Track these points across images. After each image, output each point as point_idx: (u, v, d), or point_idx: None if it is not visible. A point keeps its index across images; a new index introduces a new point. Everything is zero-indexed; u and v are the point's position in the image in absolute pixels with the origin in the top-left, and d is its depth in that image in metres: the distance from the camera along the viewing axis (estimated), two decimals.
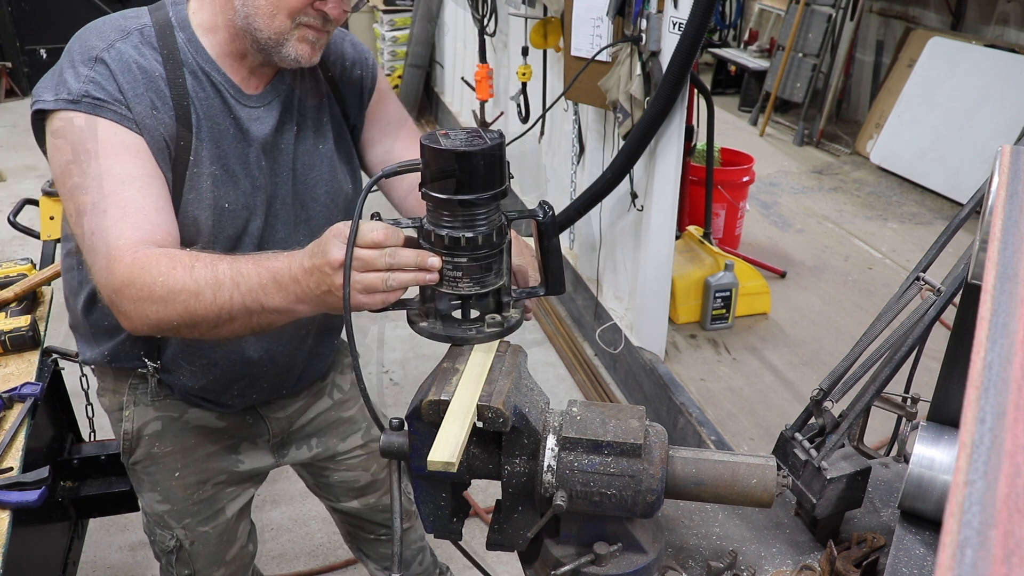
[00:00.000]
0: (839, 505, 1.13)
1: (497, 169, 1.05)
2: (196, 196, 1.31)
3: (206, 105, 1.32)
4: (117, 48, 1.26)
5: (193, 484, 1.61)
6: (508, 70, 4.63)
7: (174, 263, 1.14)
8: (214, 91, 1.33)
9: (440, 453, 0.85)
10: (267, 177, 1.39)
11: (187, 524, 1.63)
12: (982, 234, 0.85)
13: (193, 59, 1.31)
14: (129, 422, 1.54)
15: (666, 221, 3.11)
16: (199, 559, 1.68)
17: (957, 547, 0.37)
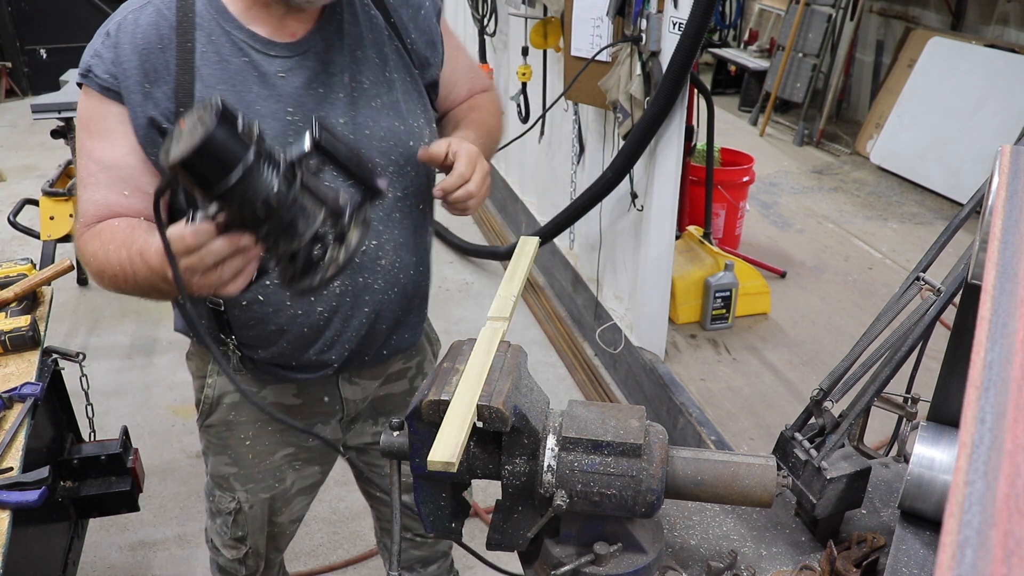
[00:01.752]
0: (839, 505, 1.13)
1: (230, 148, 0.97)
2: None
3: (218, 68, 1.27)
4: (130, 19, 1.27)
5: (263, 453, 1.63)
6: (508, 70, 4.63)
7: (101, 242, 1.26)
8: (233, 50, 1.28)
9: (440, 453, 0.85)
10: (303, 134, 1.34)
11: (250, 488, 1.66)
12: (982, 234, 0.85)
13: (211, 19, 1.28)
14: (211, 388, 1.58)
15: (666, 221, 3.11)
16: (254, 522, 1.70)
17: (957, 547, 0.37)
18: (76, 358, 1.94)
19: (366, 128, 1.36)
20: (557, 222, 3.56)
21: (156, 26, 1.27)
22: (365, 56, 1.37)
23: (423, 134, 1.44)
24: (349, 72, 1.35)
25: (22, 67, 8.14)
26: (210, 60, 1.27)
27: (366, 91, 1.37)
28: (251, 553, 1.75)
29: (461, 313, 4.20)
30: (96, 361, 3.58)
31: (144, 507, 2.29)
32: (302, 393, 1.57)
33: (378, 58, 1.39)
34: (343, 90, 1.34)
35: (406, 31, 1.43)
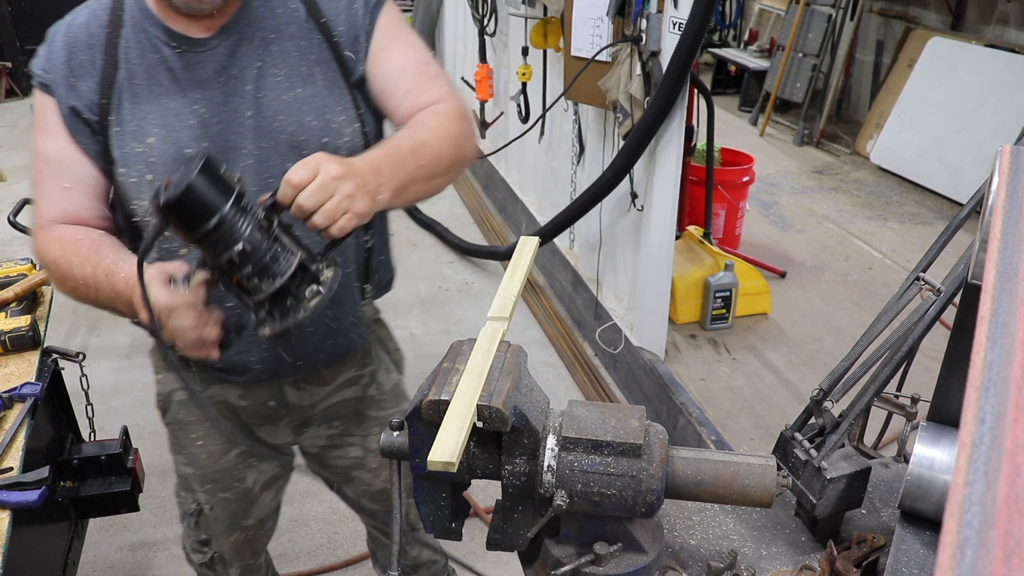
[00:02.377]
0: (839, 505, 1.13)
1: (210, 196, 1.10)
2: (122, 155, 1.33)
3: (137, 63, 1.34)
4: (66, 20, 1.37)
5: (216, 452, 1.64)
6: (508, 70, 4.63)
7: (63, 252, 1.32)
8: (149, 45, 1.34)
9: (440, 453, 0.85)
10: (213, 127, 1.35)
11: (208, 489, 1.67)
12: (982, 234, 0.85)
13: (135, 17, 1.35)
14: (161, 384, 1.63)
15: (666, 221, 3.11)
16: (217, 524, 1.71)
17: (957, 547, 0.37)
18: (76, 358, 1.94)
19: (275, 121, 1.36)
20: (557, 222, 3.56)
21: (87, 25, 1.36)
22: (280, 49, 1.38)
23: (342, 132, 1.39)
24: (259, 65, 1.37)
25: (22, 67, 8.14)
26: (131, 55, 1.34)
27: (277, 84, 1.37)
28: (217, 559, 1.76)
29: (461, 313, 4.20)
30: (96, 361, 3.58)
31: (144, 507, 2.29)
32: (246, 395, 1.58)
33: (295, 51, 1.38)
34: (251, 83, 1.36)
35: (335, 24, 1.40)
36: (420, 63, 1.46)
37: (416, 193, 1.33)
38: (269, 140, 1.36)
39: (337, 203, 1.15)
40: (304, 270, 1.18)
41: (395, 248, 1.70)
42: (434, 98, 1.44)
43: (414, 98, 1.43)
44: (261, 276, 1.14)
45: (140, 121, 1.34)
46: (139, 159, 1.33)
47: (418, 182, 1.31)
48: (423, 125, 1.38)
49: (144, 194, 1.34)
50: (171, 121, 1.34)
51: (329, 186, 1.14)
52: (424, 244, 4.91)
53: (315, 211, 1.14)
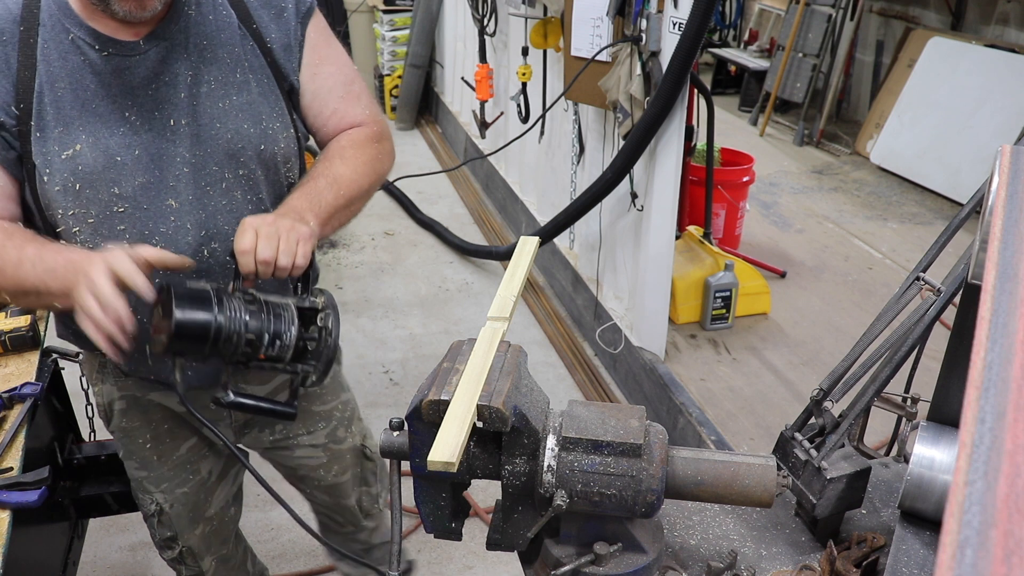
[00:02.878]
0: (839, 505, 1.13)
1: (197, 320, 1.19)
2: (45, 161, 1.27)
3: (59, 65, 1.27)
4: None
5: (166, 451, 1.64)
6: (508, 70, 4.63)
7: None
8: (72, 47, 1.27)
9: (440, 453, 0.85)
10: (145, 135, 1.31)
11: (165, 488, 1.67)
12: (982, 234, 0.85)
13: (53, 15, 1.27)
14: (99, 396, 1.61)
15: (666, 221, 3.11)
16: (179, 520, 1.71)
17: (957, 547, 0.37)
18: (76, 358, 1.94)
19: (211, 128, 1.35)
20: (557, 222, 3.56)
21: (3, 19, 1.27)
22: (214, 56, 1.35)
23: (277, 138, 1.42)
24: (193, 72, 1.33)
25: None
26: (51, 56, 1.27)
27: (212, 91, 1.35)
28: (186, 552, 1.76)
29: (461, 313, 4.20)
30: None
31: None
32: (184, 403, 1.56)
33: (229, 58, 1.36)
34: (185, 90, 1.32)
35: (267, 31, 1.40)
36: (347, 82, 1.53)
37: (340, 220, 1.43)
38: (205, 148, 1.35)
39: (287, 239, 1.25)
40: (303, 311, 1.29)
41: (395, 248, 1.72)
42: (356, 119, 1.53)
43: (338, 119, 1.52)
44: (277, 342, 1.24)
45: (65, 127, 1.28)
46: (65, 167, 1.28)
47: (340, 211, 1.41)
48: (340, 156, 1.46)
49: (71, 202, 1.29)
50: (99, 128, 1.29)
51: (272, 232, 1.25)
52: (424, 244, 4.91)
53: (276, 257, 1.23)
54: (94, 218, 1.31)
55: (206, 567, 1.81)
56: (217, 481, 1.75)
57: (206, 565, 1.81)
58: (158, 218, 1.33)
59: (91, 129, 1.28)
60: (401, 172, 5.56)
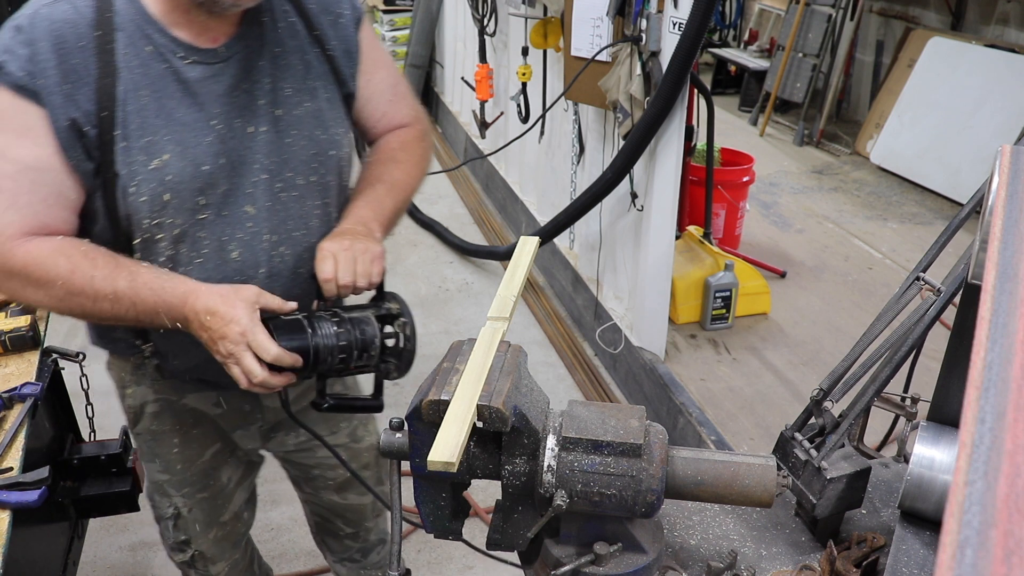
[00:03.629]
0: (839, 505, 1.13)
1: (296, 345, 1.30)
2: (131, 173, 1.25)
3: (140, 72, 1.24)
4: (43, 14, 1.20)
5: (192, 456, 1.64)
6: (508, 70, 4.63)
7: (73, 267, 1.22)
8: (154, 54, 1.25)
9: (440, 453, 0.85)
10: (228, 142, 1.31)
11: (186, 493, 1.67)
12: (982, 234, 0.85)
13: (131, 21, 1.24)
14: (132, 398, 1.59)
15: (666, 221, 3.11)
16: (195, 524, 1.72)
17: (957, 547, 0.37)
18: (76, 358, 1.94)
19: (287, 136, 1.36)
20: (557, 222, 3.56)
21: (73, 24, 1.21)
22: (287, 63, 1.36)
23: (342, 143, 1.45)
24: (271, 78, 1.34)
25: None
26: (131, 63, 1.23)
27: (288, 98, 1.36)
28: (198, 556, 1.77)
29: (461, 313, 4.20)
30: (96, 361, 3.57)
31: (144, 507, 2.28)
32: (223, 402, 1.59)
33: (300, 65, 1.38)
34: (264, 96, 1.33)
35: (327, 39, 1.42)
36: (395, 84, 1.59)
37: (396, 222, 1.52)
38: (282, 154, 1.36)
39: (363, 263, 1.34)
40: (383, 319, 1.40)
41: (395, 248, 1.75)
42: (402, 120, 1.60)
43: (387, 121, 1.58)
44: (365, 352, 1.34)
45: (152, 136, 1.25)
46: (152, 177, 1.26)
47: (398, 214, 1.51)
48: (394, 160, 1.54)
49: (157, 212, 1.28)
50: (187, 137, 1.27)
51: (349, 257, 1.33)
52: (424, 244, 4.91)
53: (355, 281, 1.33)
54: (179, 228, 1.30)
55: (218, 571, 1.81)
56: (235, 487, 1.76)
57: (218, 569, 1.81)
58: (236, 225, 1.34)
59: (178, 138, 1.26)
60: None
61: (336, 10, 1.43)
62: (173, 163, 1.26)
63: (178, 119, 1.26)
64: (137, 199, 1.26)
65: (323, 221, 1.45)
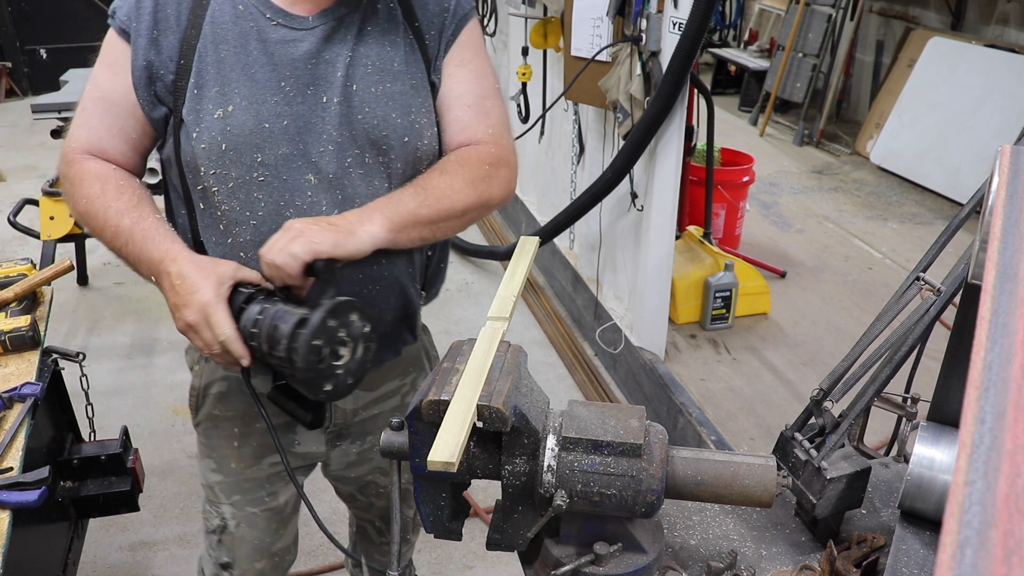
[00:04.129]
0: (839, 505, 1.13)
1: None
2: (196, 118, 1.30)
3: (228, 27, 1.31)
4: None
5: (248, 457, 1.55)
6: (508, 70, 4.63)
7: (102, 192, 1.32)
8: (244, 12, 1.32)
9: (440, 453, 0.85)
10: (297, 107, 1.32)
11: (235, 502, 1.57)
12: (982, 234, 0.85)
13: None
14: (198, 378, 1.55)
15: (666, 221, 3.11)
16: (242, 545, 1.59)
17: (957, 547, 0.37)
18: (76, 358, 1.94)
19: (359, 112, 1.34)
20: (557, 222, 3.56)
21: None
22: (376, 42, 1.37)
23: (423, 133, 1.39)
24: (352, 54, 1.34)
25: (22, 67, 8.14)
26: (221, 20, 1.31)
27: (367, 75, 1.35)
28: None
29: (461, 313, 4.20)
30: (96, 361, 3.58)
31: (144, 507, 2.29)
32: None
33: (390, 47, 1.37)
34: (342, 69, 1.33)
35: (427, 28, 1.41)
36: (480, 95, 1.44)
37: (422, 234, 1.34)
38: (352, 129, 1.34)
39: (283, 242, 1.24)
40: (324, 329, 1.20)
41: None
42: (476, 136, 1.43)
43: (458, 129, 1.43)
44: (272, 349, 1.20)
45: (223, 87, 1.30)
46: (215, 125, 1.30)
47: (423, 223, 1.33)
48: (442, 169, 1.39)
49: (214, 162, 1.31)
50: (256, 92, 1.30)
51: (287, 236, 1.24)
52: None
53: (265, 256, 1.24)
54: (233, 182, 1.32)
55: None
56: (292, 514, 1.66)
57: None
58: (295, 191, 1.33)
59: (246, 93, 1.30)
60: None
61: (443, 3, 1.42)
62: (236, 115, 1.30)
63: (251, 75, 1.31)
64: (198, 145, 1.31)
65: None
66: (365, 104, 1.34)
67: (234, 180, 1.32)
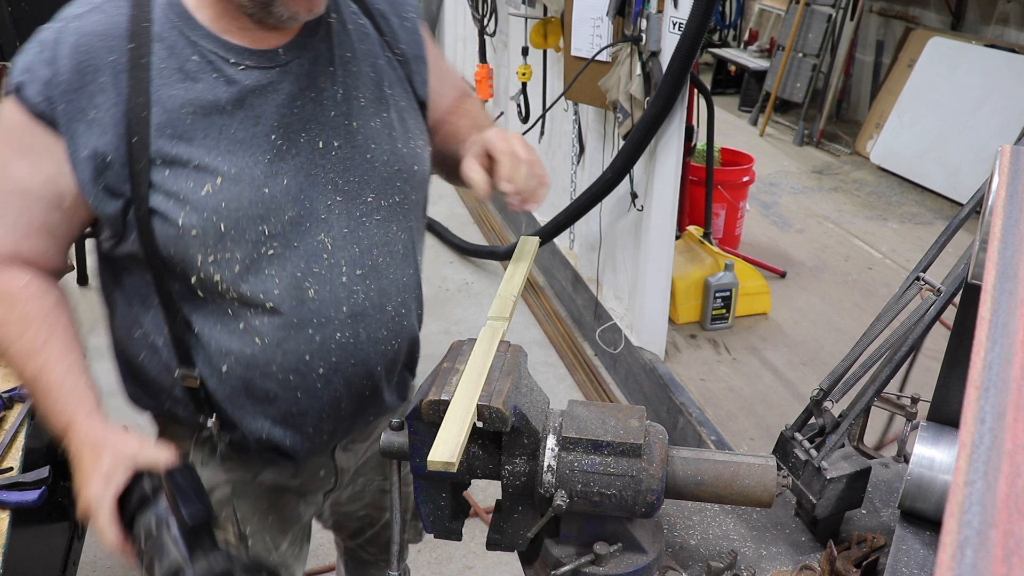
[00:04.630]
0: (839, 505, 1.13)
1: None
2: (177, 203, 1.08)
3: (183, 87, 1.07)
4: (72, 28, 1.06)
5: (264, 550, 1.38)
6: (508, 70, 4.63)
7: (6, 319, 1.11)
8: (201, 64, 1.08)
9: (440, 453, 0.85)
10: (292, 160, 1.12)
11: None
12: (982, 234, 0.85)
13: (173, 28, 1.07)
14: None
15: (666, 221, 3.11)
16: None
17: (957, 547, 0.37)
18: None
19: (367, 152, 1.18)
20: (557, 222, 3.56)
21: (104, 36, 1.05)
22: (359, 70, 1.20)
23: (424, 157, 1.28)
24: (342, 87, 1.17)
25: None
26: (171, 78, 1.07)
27: (363, 109, 1.19)
28: None
29: (461, 313, 4.20)
30: (96, 361, 3.56)
31: None
32: (300, 471, 1.36)
33: (373, 72, 1.22)
34: (335, 108, 1.16)
35: (396, 41, 1.26)
36: (456, 83, 1.45)
37: None
38: (360, 173, 1.18)
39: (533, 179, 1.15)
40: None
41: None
42: (465, 89, 1.46)
43: (454, 97, 1.43)
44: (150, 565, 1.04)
45: (202, 158, 1.08)
46: (204, 205, 1.08)
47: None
48: (475, 115, 1.40)
49: (212, 247, 1.09)
50: (241, 155, 1.09)
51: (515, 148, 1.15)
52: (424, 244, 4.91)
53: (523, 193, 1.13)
54: (239, 264, 1.11)
55: None
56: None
57: None
58: (310, 258, 1.15)
59: (231, 158, 1.09)
60: None
61: (403, 12, 1.28)
62: (227, 187, 1.08)
63: (230, 136, 1.09)
64: (188, 232, 1.08)
65: (408, 248, 1.28)
66: (370, 141, 1.19)
67: (239, 262, 1.12)
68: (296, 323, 1.15)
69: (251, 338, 1.16)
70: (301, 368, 1.18)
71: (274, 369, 1.17)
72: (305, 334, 1.17)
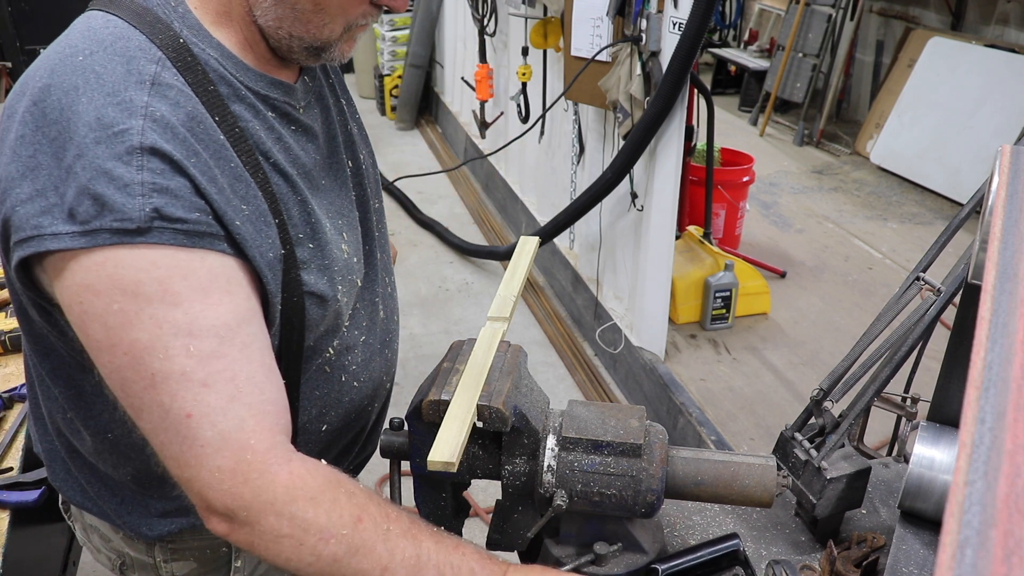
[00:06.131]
0: (839, 505, 1.13)
1: None
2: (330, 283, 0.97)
3: (278, 144, 0.92)
4: (160, 118, 0.78)
5: None
6: (508, 70, 4.63)
7: (360, 512, 0.83)
8: (278, 118, 0.93)
9: (440, 453, 0.85)
10: (352, 210, 1.08)
11: None
12: (982, 234, 0.85)
13: (234, 81, 0.89)
14: None
15: (666, 221, 3.11)
16: None
17: (957, 547, 0.37)
18: None
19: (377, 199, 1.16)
20: (557, 222, 3.56)
21: (193, 117, 0.81)
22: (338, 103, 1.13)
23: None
24: (350, 121, 1.12)
25: (22, 67, 8.14)
26: (266, 137, 0.90)
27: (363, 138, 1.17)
28: None
29: (461, 313, 4.20)
30: None
31: None
32: None
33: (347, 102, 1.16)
34: (347, 147, 1.10)
35: (351, 112, 1.17)
36: None
37: None
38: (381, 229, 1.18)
39: None
40: None
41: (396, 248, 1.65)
42: None
43: None
44: None
45: (321, 217, 0.97)
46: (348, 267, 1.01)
47: None
48: None
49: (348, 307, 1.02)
50: (335, 200, 1.02)
51: None
52: (424, 244, 4.91)
53: None
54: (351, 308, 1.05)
55: None
56: None
57: None
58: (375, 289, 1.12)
59: (332, 208, 1.00)
60: (401, 172, 5.56)
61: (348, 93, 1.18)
62: (351, 240, 1.02)
63: (318, 185, 0.98)
64: (345, 313, 1.01)
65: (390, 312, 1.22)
66: (370, 169, 1.17)
67: (351, 306, 1.06)
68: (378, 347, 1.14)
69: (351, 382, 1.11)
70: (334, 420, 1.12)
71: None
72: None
